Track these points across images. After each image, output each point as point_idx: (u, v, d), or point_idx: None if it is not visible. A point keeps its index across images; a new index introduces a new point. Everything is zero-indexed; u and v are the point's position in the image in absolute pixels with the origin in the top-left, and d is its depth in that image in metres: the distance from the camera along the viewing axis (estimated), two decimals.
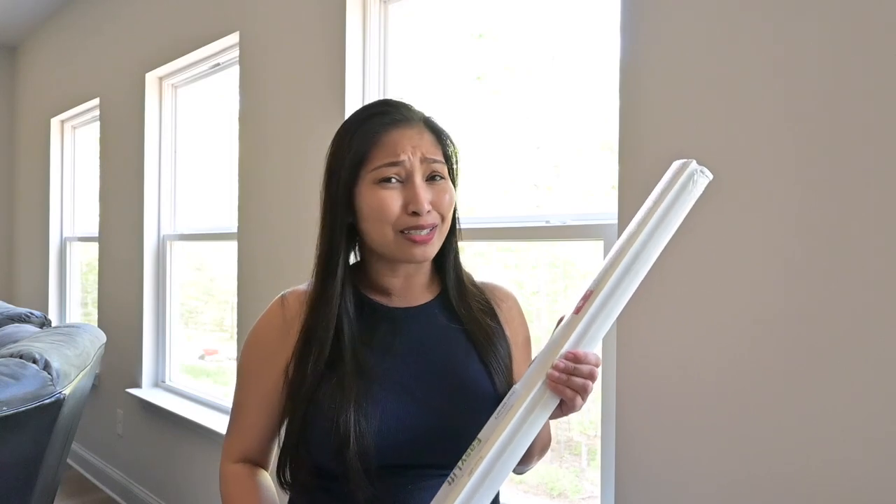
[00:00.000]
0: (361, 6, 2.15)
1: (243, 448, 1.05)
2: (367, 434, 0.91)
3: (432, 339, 1.01)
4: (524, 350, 1.10)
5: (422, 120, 1.00)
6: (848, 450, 1.13)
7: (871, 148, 1.11)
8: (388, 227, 0.94)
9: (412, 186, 0.94)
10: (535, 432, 0.83)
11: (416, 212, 0.93)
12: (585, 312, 0.83)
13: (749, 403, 1.24)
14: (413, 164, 0.94)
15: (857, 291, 1.12)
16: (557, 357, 0.83)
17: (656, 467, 1.37)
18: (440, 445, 0.93)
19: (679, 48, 1.34)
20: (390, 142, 0.95)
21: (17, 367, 1.71)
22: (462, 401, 0.97)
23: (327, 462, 0.93)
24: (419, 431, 0.93)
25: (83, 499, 3.55)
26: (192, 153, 3.29)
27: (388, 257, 0.99)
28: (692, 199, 0.87)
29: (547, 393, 0.83)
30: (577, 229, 1.62)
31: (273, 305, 1.05)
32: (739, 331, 1.25)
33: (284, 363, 0.99)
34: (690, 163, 0.87)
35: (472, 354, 1.01)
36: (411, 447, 0.93)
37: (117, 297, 3.61)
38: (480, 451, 0.81)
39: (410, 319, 1.02)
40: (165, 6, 3.17)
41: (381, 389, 0.94)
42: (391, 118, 0.97)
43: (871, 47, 1.12)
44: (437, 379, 0.98)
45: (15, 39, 4.98)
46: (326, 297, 0.98)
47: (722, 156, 1.27)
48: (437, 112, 1.07)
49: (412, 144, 0.95)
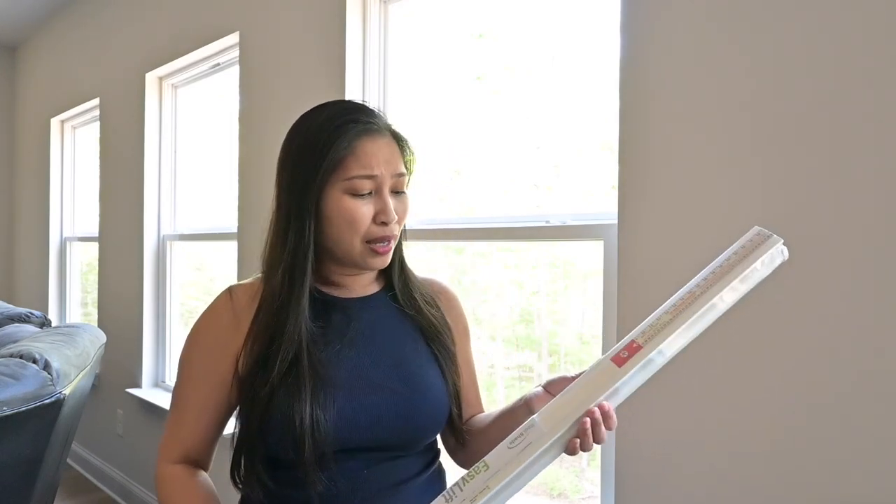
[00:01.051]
0: (361, 6, 2.15)
1: (184, 448, 1.02)
2: (323, 420, 0.92)
3: (383, 327, 1.04)
4: (464, 338, 1.15)
5: (388, 130, 1.02)
6: (853, 472, 1.13)
7: (872, 149, 1.11)
8: (356, 237, 0.97)
9: (382, 199, 0.97)
10: (543, 470, 0.81)
11: (384, 222, 0.97)
12: (629, 370, 0.79)
13: (747, 401, 1.24)
14: (384, 179, 0.98)
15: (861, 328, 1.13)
16: (593, 404, 0.80)
17: (656, 467, 1.37)
18: (395, 428, 0.96)
19: (679, 48, 1.34)
20: (365, 153, 0.97)
21: (17, 367, 1.71)
22: (415, 384, 1.00)
23: (285, 452, 0.94)
24: (375, 414, 0.95)
25: (83, 499, 3.55)
26: (192, 153, 3.29)
27: (346, 263, 1.02)
28: (764, 276, 0.83)
29: (569, 435, 0.79)
30: (577, 229, 1.62)
31: (221, 299, 1.04)
32: (739, 335, 1.25)
33: (234, 357, 0.99)
34: (777, 241, 0.83)
35: (421, 341, 1.05)
36: (368, 431, 0.95)
37: (117, 297, 3.61)
38: (488, 480, 0.78)
39: (361, 308, 1.05)
40: (165, 6, 3.17)
41: (337, 376, 0.96)
42: (365, 127, 0.98)
43: (871, 48, 1.12)
44: (390, 364, 1.00)
45: (15, 39, 4.98)
46: (296, 299, 0.98)
47: (722, 156, 1.27)
48: (436, 112, 1.07)
49: (385, 159, 0.98)
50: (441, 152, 2.06)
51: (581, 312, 1.90)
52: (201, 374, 1.01)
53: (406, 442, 0.99)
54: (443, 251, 2.10)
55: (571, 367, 1.88)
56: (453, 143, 2.02)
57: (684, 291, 0.82)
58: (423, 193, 2.11)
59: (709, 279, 0.81)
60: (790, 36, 1.20)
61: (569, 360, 1.91)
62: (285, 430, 0.92)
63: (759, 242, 0.82)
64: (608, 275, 1.52)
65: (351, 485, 0.95)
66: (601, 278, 1.54)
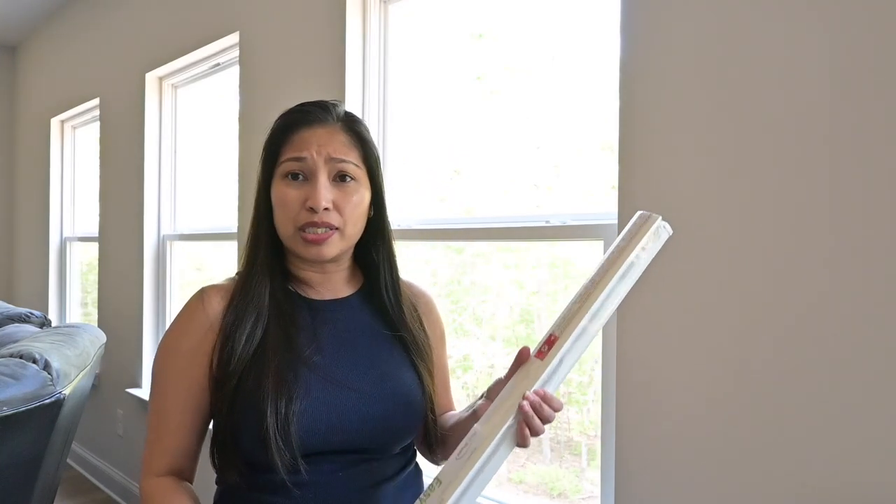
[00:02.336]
0: (361, 6, 2.15)
1: (167, 460, 0.99)
2: (292, 422, 0.91)
3: (356, 331, 1.03)
4: (440, 343, 1.14)
5: (340, 121, 1.02)
6: (847, 447, 1.13)
7: (873, 149, 1.11)
8: (289, 222, 0.97)
9: (312, 183, 0.97)
10: (496, 471, 0.82)
11: (311, 207, 0.95)
12: (551, 360, 0.83)
13: (748, 404, 1.24)
14: (316, 163, 0.97)
15: (855, 289, 1.13)
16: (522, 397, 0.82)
17: (656, 467, 1.37)
18: (367, 430, 0.96)
19: (679, 48, 1.34)
20: (298, 138, 0.99)
21: (17, 367, 1.71)
22: (389, 388, 0.99)
23: (255, 453, 0.92)
24: (346, 417, 0.94)
25: (83, 499, 3.55)
26: (192, 153, 3.29)
27: (293, 254, 1.02)
28: (654, 253, 0.88)
29: (511, 432, 0.82)
30: (577, 229, 1.62)
31: (192, 302, 1.02)
32: (739, 333, 1.25)
33: (208, 360, 0.97)
34: (656, 218, 0.88)
35: (397, 346, 1.04)
36: (339, 433, 0.94)
37: (117, 297, 3.61)
38: (442, 493, 0.79)
39: (332, 311, 1.03)
40: (165, 6, 3.17)
41: (305, 378, 0.94)
42: (304, 118, 1.00)
43: (872, 48, 1.12)
44: (362, 367, 0.99)
45: (15, 39, 4.98)
46: (249, 288, 0.99)
47: (722, 155, 1.27)
48: (436, 112, 1.07)
49: (318, 143, 0.98)
50: (441, 152, 2.06)
51: None
52: (178, 381, 0.99)
53: (380, 445, 0.98)
54: (443, 251, 2.10)
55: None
56: (453, 143, 2.02)
57: (590, 282, 0.86)
58: (423, 193, 2.11)
59: (604, 266, 0.86)
60: (790, 36, 1.20)
61: None
62: (254, 433, 0.91)
63: (641, 224, 0.87)
64: None
65: (326, 488, 0.94)
66: None
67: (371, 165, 1.03)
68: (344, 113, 1.03)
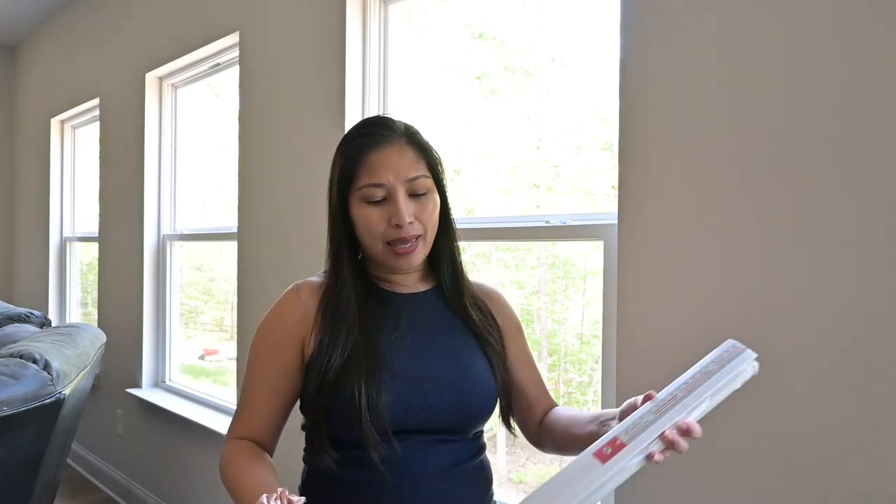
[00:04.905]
0: (361, 6, 2.15)
1: (250, 430, 1.10)
2: (380, 403, 1.00)
3: (434, 321, 1.13)
4: (518, 335, 1.22)
5: (404, 136, 1.10)
6: (846, 448, 1.13)
7: (873, 149, 1.11)
8: (376, 240, 1.07)
9: (395, 203, 1.05)
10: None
11: (398, 225, 1.05)
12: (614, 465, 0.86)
13: (748, 404, 1.24)
14: (394, 185, 1.05)
15: (855, 289, 1.13)
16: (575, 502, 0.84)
17: (656, 467, 1.36)
18: (447, 413, 1.04)
19: (679, 48, 1.34)
20: (373, 164, 1.06)
21: (17, 367, 1.71)
22: (465, 373, 1.08)
23: (347, 432, 1.02)
24: (428, 400, 1.04)
25: (83, 499, 3.55)
26: (192, 153, 3.29)
27: (380, 264, 1.12)
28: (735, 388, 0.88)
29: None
30: (577, 229, 1.62)
31: (288, 293, 1.13)
32: (739, 334, 1.25)
33: (300, 345, 1.09)
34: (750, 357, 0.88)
35: (469, 336, 1.13)
36: (421, 414, 1.03)
37: (117, 297, 3.61)
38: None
39: (413, 303, 1.14)
40: (165, 6, 3.17)
41: (392, 362, 1.05)
42: (374, 139, 1.08)
43: (873, 48, 1.12)
44: (441, 354, 1.09)
45: (15, 39, 4.98)
46: (338, 288, 1.10)
47: (721, 155, 1.27)
48: (436, 112, 1.08)
49: (393, 167, 1.06)
50: (441, 152, 2.06)
51: (581, 312, 1.90)
52: (269, 363, 1.10)
53: (456, 426, 1.06)
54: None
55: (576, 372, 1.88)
56: (453, 143, 2.02)
57: (667, 394, 0.88)
58: None
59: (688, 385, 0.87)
60: (790, 36, 1.20)
61: (568, 360, 1.91)
62: (347, 410, 1.00)
63: (733, 355, 0.88)
64: (608, 275, 1.52)
65: (408, 465, 1.02)
66: (601, 278, 1.54)
67: (436, 171, 1.12)
68: (404, 126, 1.11)
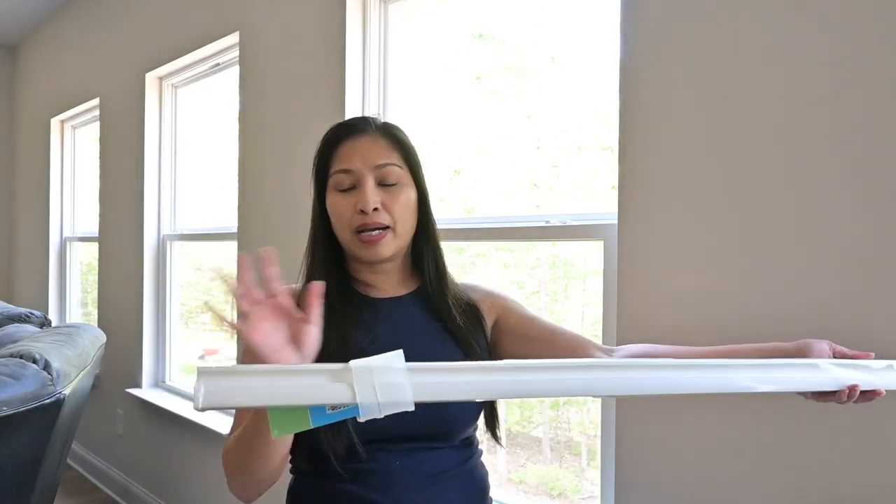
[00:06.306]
0: (361, 6, 2.15)
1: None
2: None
3: (411, 326, 1.09)
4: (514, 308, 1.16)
5: (379, 129, 1.09)
6: (847, 448, 1.13)
7: (873, 149, 1.11)
8: (345, 229, 1.06)
9: (361, 189, 1.04)
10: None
11: (363, 210, 1.03)
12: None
13: (748, 402, 1.24)
14: (363, 171, 1.05)
15: (856, 289, 1.13)
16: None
17: (656, 467, 1.37)
18: (423, 421, 0.98)
19: (679, 48, 1.34)
20: (344, 151, 1.07)
21: (17, 367, 1.71)
22: None
23: (317, 443, 0.97)
24: None
25: (83, 499, 3.55)
26: (192, 153, 3.29)
27: (353, 257, 1.10)
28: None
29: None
30: (577, 229, 1.62)
31: None
32: (739, 334, 1.25)
33: None
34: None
35: (450, 342, 1.08)
36: (396, 422, 0.96)
37: (117, 297, 3.61)
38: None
39: (391, 308, 1.10)
40: (165, 6, 3.17)
41: None
42: (346, 132, 1.08)
43: (873, 51, 1.12)
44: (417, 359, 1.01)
45: (15, 39, 4.98)
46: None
47: (721, 155, 1.28)
48: (436, 112, 1.09)
49: (362, 153, 1.06)
50: (441, 152, 2.06)
51: (581, 312, 1.90)
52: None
53: (437, 433, 1.03)
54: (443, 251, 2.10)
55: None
56: (453, 143, 2.03)
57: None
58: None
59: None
60: (790, 35, 1.20)
61: None
62: None
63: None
64: (608, 275, 1.52)
65: (386, 476, 0.99)
66: (601, 278, 1.54)
67: (413, 166, 1.09)
68: (382, 123, 1.11)
